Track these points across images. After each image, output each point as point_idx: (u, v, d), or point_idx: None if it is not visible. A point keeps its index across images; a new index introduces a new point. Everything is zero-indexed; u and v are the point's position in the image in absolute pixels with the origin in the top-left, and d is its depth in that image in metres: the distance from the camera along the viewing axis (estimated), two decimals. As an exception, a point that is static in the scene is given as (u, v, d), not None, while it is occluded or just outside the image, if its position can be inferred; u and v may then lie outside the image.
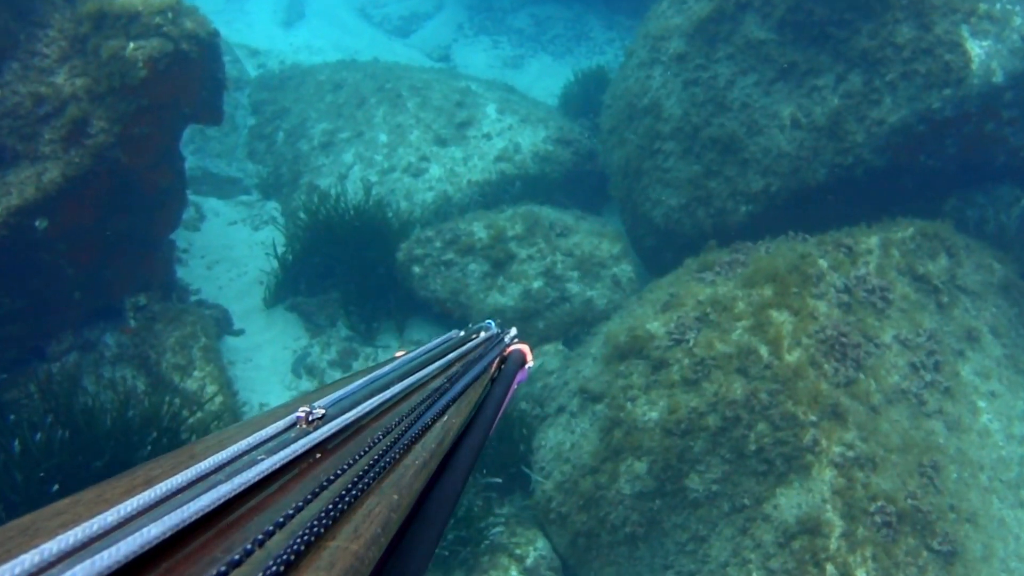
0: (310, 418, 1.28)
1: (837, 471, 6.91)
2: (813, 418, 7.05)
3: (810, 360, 7.34)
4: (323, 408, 1.32)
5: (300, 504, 1.01)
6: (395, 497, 1.14)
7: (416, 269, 10.26)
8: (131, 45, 8.31)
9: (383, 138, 12.77)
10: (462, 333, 2.44)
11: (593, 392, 7.95)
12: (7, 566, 0.73)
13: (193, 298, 10.74)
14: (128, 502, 0.89)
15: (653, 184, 10.66)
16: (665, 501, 7.26)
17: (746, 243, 9.18)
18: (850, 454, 6.98)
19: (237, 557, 0.86)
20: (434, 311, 10.42)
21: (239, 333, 10.47)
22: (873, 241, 8.62)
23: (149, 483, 0.96)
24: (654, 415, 7.40)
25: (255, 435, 1.17)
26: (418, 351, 1.98)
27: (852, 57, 9.33)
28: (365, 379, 1.58)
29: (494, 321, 2.62)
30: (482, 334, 2.41)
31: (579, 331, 10.03)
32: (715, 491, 7.12)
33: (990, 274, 8.98)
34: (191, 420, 8.43)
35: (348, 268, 10.70)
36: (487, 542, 7.81)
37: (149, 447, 7.16)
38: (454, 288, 10.12)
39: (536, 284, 10.08)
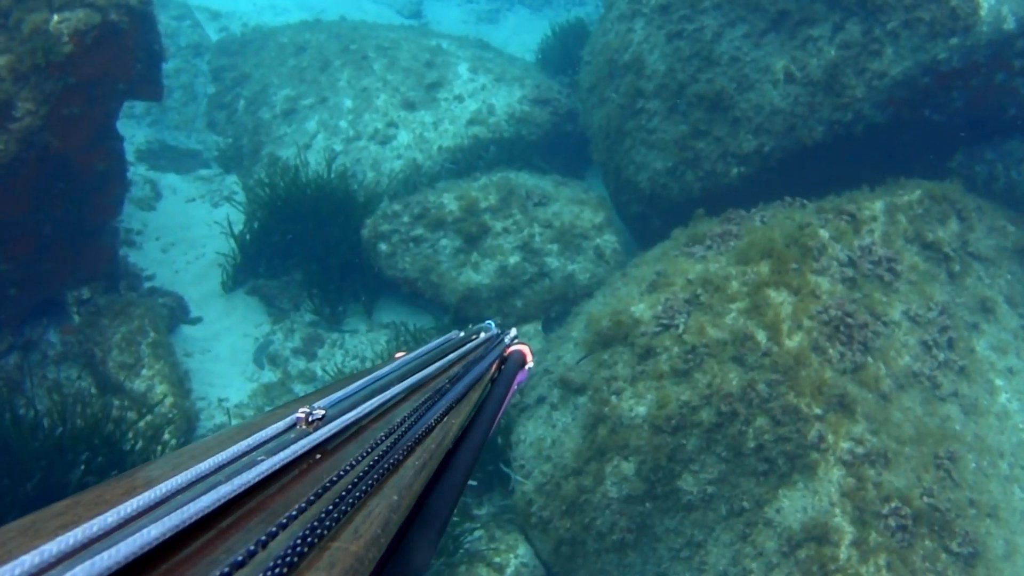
0: (310, 419, 1.29)
1: (846, 470, 6.24)
2: (818, 411, 6.36)
3: (813, 345, 6.64)
4: (323, 409, 1.32)
5: (303, 505, 0.99)
6: (395, 498, 1.12)
7: (383, 247, 9.50)
8: (55, 18, 7.48)
9: (348, 103, 11.92)
10: (462, 334, 2.44)
11: (574, 383, 7.25)
12: (7, 567, 0.73)
13: (147, 284, 9.97)
14: (128, 503, 0.89)
15: (637, 146, 9.90)
16: (656, 504, 6.60)
17: (739, 211, 8.44)
18: (859, 450, 6.30)
19: (240, 558, 0.84)
20: (404, 291, 9.68)
21: (196, 321, 9.73)
22: (878, 207, 7.89)
23: (149, 484, 0.95)
24: (641, 410, 6.70)
25: (255, 436, 1.17)
26: (418, 352, 1.97)
27: (849, 5, 8.56)
28: (365, 380, 1.58)
29: (493, 321, 2.59)
30: (482, 335, 2.40)
31: (560, 309, 9.31)
32: (711, 493, 6.45)
33: (1004, 237, 8.27)
34: (140, 424, 7.73)
35: (309, 247, 9.92)
36: (463, 550, 7.16)
37: (82, 466, 6.44)
38: (424, 266, 9.36)
39: (513, 259, 9.33)
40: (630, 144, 9.97)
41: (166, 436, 7.78)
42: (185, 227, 10.97)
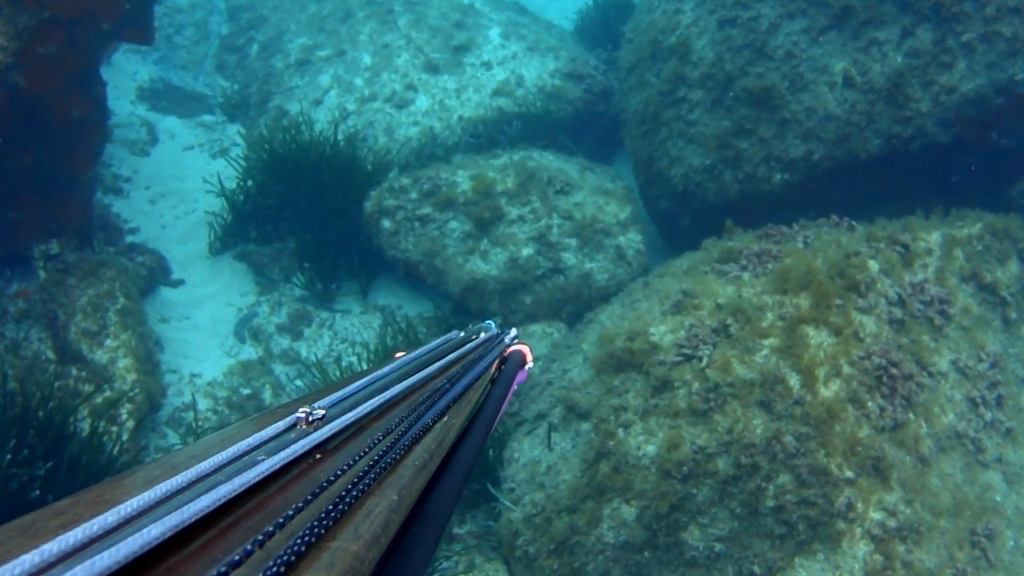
0: (310, 419, 1.28)
1: (874, 545, 5.49)
2: (849, 474, 5.60)
3: (851, 396, 5.86)
4: (323, 409, 1.32)
5: (300, 505, 0.98)
6: (395, 498, 1.12)
7: (386, 223, 8.71)
8: (36, -61, 6.67)
9: (367, 60, 11.05)
10: (462, 334, 2.39)
11: (579, 407, 6.50)
12: (7, 566, 0.73)
13: (128, 239, 9.23)
14: (128, 503, 0.88)
15: (674, 138, 9.06)
16: (656, 555, 5.87)
17: (780, 227, 7.64)
18: (891, 523, 5.55)
19: (237, 558, 0.84)
20: (405, 273, 8.92)
21: (177, 284, 9.00)
22: (934, 239, 7.07)
23: (149, 484, 0.95)
24: (650, 450, 5.96)
25: (255, 435, 1.16)
26: (418, 352, 1.97)
27: (923, 9, 7.70)
28: (365, 379, 1.57)
29: (494, 321, 2.55)
30: (482, 335, 2.36)
31: (573, 310, 8.53)
32: (719, 551, 5.72)
33: (1068, 283, 7.44)
34: (99, 400, 7.04)
35: (305, 215, 9.14)
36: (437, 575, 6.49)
37: (8, 455, 5.71)
38: (429, 249, 8.58)
39: (526, 251, 8.53)
40: (667, 135, 9.14)
41: (123, 416, 7.08)
42: (179, 177, 10.21)
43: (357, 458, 1.17)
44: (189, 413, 7.69)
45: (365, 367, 8.10)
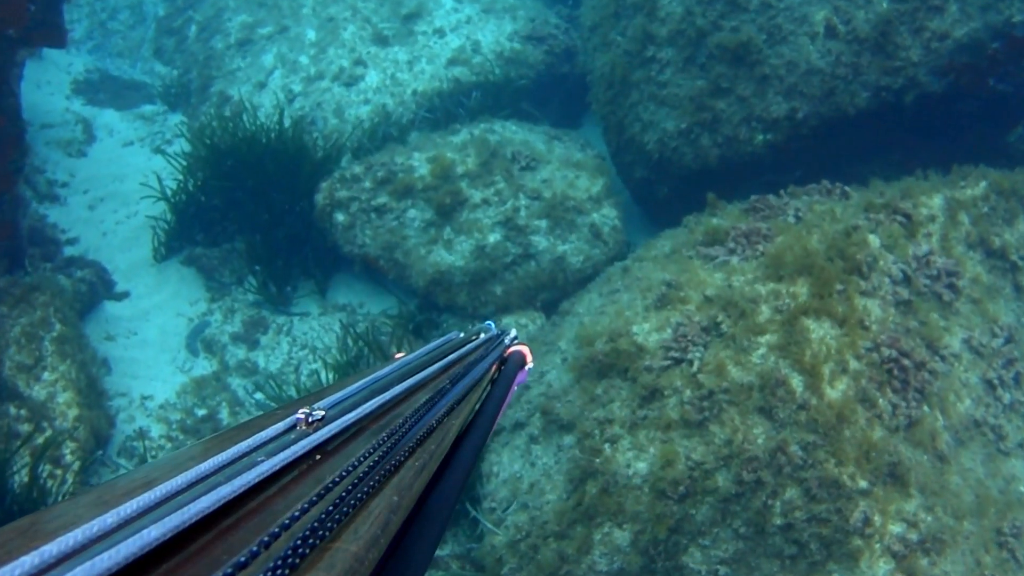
0: (310, 420, 1.26)
1: (895, 563, 4.94)
2: (863, 484, 5.04)
3: (860, 395, 5.28)
4: (323, 410, 1.30)
5: (304, 506, 0.98)
6: (395, 499, 1.12)
7: (340, 217, 8.02)
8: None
9: (311, 35, 10.24)
10: (462, 334, 2.37)
11: (560, 418, 5.91)
12: (7, 568, 0.73)
13: (67, 250, 8.52)
14: (128, 504, 0.88)
15: (645, 101, 8.40)
16: (654, 581, 5.33)
17: (767, 198, 7.01)
18: (912, 536, 5.01)
19: (243, 559, 0.84)
20: (365, 267, 8.25)
21: (122, 297, 8.30)
22: (936, 203, 6.47)
23: (149, 485, 0.94)
24: (641, 467, 5.37)
25: (255, 437, 1.15)
26: (418, 352, 1.95)
27: (910, -53, 7.07)
28: (365, 380, 1.56)
29: (493, 322, 2.53)
30: (482, 335, 2.33)
31: (548, 297, 7.91)
32: (723, 575, 5.18)
33: (1082, 241, 6.87)
34: (40, 441, 6.40)
35: (252, 215, 8.42)
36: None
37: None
38: (388, 242, 7.90)
39: (492, 237, 7.88)
40: (637, 98, 8.48)
41: (67, 457, 6.45)
42: (118, 178, 9.45)
43: (358, 460, 1.16)
44: (142, 443, 7.06)
45: (330, 377, 7.50)
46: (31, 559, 0.73)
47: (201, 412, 7.43)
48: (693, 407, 5.34)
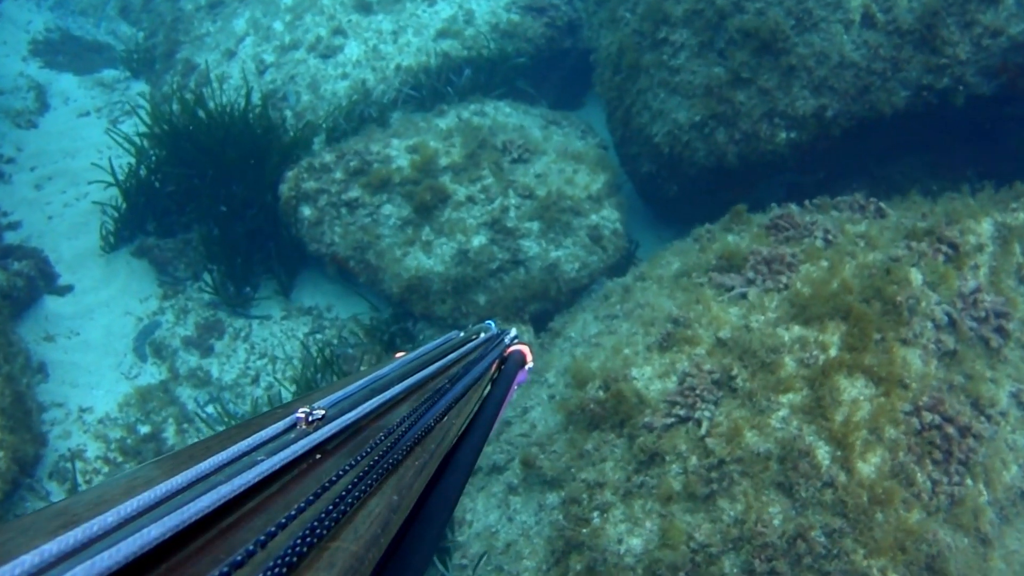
0: (310, 419, 1.25)
1: None
2: (897, 581, 4.24)
3: (896, 470, 4.46)
4: (323, 409, 1.28)
5: (303, 505, 0.96)
6: (395, 498, 1.10)
7: (306, 211, 7.13)
8: None
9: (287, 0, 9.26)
10: (462, 334, 2.31)
11: (544, 472, 5.10)
12: (7, 567, 0.71)
13: (7, 236, 7.66)
14: (128, 503, 0.86)
15: (655, 88, 7.54)
16: (645, 676, 4.55)
17: (791, 210, 6.16)
18: (953, 645, 4.23)
19: (239, 558, 0.82)
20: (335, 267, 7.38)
21: (65, 291, 7.45)
22: (984, 229, 5.61)
23: (149, 484, 0.92)
24: (636, 544, 4.57)
25: (255, 436, 1.13)
26: (418, 352, 1.92)
27: (963, -68, 6.22)
28: (365, 380, 1.53)
29: (494, 322, 2.48)
30: (482, 335, 2.29)
31: (537, 309, 7.07)
32: None
33: None
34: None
35: (208, 207, 7.51)
36: None
37: None
38: (360, 241, 7.03)
39: (477, 240, 7.00)
40: (646, 83, 7.60)
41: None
42: (70, 153, 8.55)
43: (358, 459, 1.13)
44: (76, 463, 6.26)
45: (292, 391, 6.69)
46: (31, 558, 0.71)
47: (144, 429, 6.62)
48: (699, 477, 4.52)
